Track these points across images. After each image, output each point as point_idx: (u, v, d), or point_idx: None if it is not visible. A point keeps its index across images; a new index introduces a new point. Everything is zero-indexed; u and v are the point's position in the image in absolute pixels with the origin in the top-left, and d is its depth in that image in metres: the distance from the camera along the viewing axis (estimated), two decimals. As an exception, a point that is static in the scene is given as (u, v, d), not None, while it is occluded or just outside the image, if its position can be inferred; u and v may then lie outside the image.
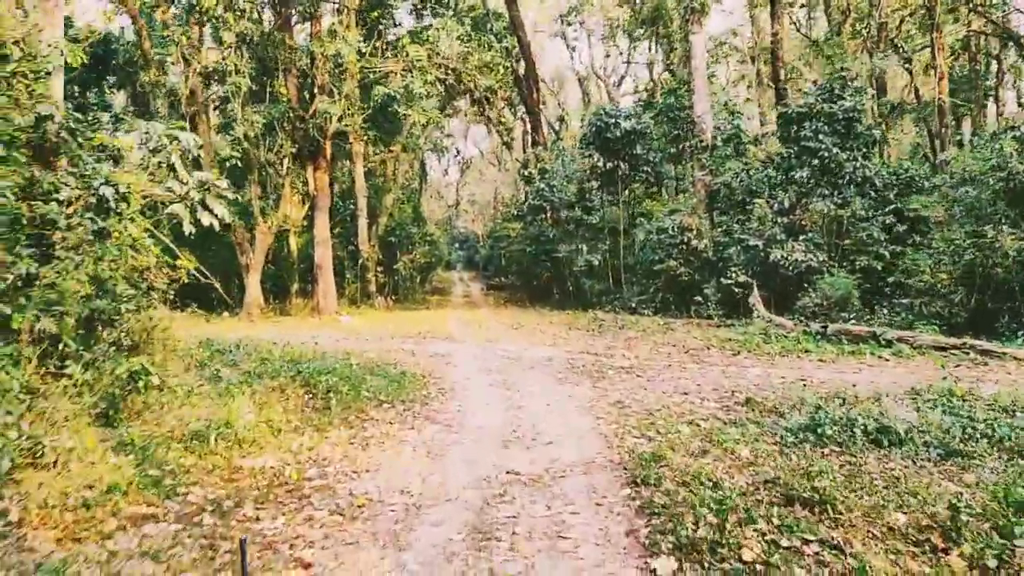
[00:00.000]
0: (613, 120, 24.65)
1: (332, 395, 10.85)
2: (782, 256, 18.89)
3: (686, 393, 10.63)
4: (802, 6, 37.46)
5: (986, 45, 35.27)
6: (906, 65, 35.68)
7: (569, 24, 38.60)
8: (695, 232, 21.16)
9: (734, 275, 19.62)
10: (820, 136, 19.59)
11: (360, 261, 33.85)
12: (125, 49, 33.89)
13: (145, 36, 26.58)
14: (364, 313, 28.47)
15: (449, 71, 25.38)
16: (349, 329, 22.14)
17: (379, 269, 34.70)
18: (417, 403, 10.80)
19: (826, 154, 19.39)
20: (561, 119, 51.96)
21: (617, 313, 23.21)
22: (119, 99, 37.84)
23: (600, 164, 25.24)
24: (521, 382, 12.23)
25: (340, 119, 24.39)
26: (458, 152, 56.37)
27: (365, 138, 30.36)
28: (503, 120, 34.70)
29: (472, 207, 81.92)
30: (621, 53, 39.08)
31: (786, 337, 15.13)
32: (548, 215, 31.35)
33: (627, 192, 26.66)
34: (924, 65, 32.73)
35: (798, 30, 38.61)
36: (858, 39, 35.43)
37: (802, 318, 17.54)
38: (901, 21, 32.54)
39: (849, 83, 20.40)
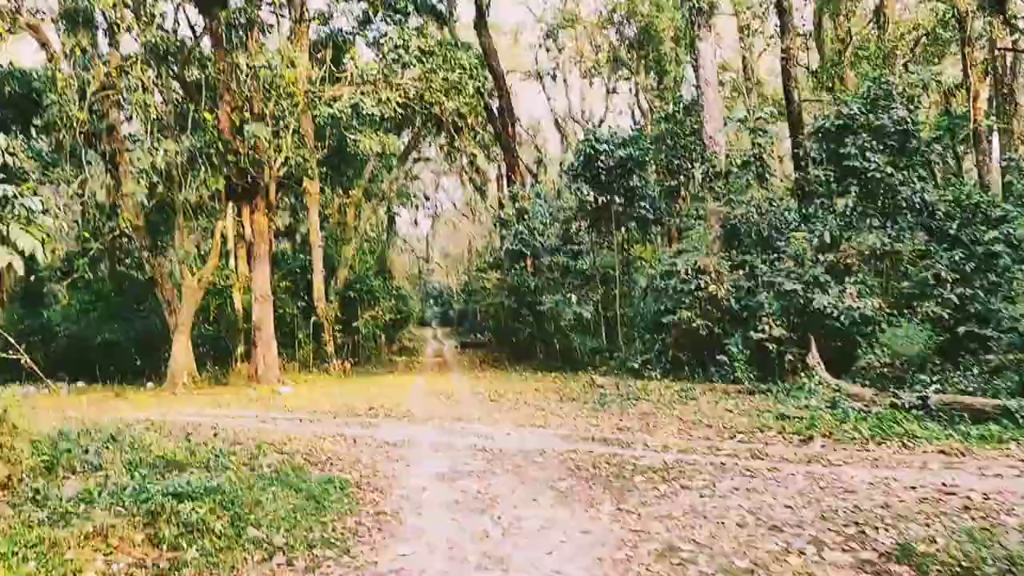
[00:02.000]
0: (605, 147, 20.83)
1: (189, 543, 6.54)
2: (829, 303, 14.89)
3: (778, 527, 6.41)
4: (799, 34, 34.30)
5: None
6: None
7: (547, 51, 35.19)
8: (712, 275, 17.16)
9: (766, 327, 15.56)
10: (867, 153, 15.81)
11: (314, 319, 29.53)
12: (47, 87, 29.79)
13: (57, 61, 22.47)
14: (314, 381, 24.05)
15: (409, 96, 21.46)
16: (287, 404, 17.77)
17: (337, 328, 30.35)
18: (334, 550, 6.50)
19: (876, 175, 15.58)
20: (539, 161, 48.38)
21: (617, 376, 19.05)
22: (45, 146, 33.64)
23: (590, 199, 21.28)
24: (503, 498, 7.96)
25: (279, 149, 20.25)
26: (427, 199, 52.50)
27: (316, 177, 26.30)
28: (474, 154, 30.92)
29: (445, 260, 78.11)
30: (606, 83, 35.64)
31: (867, 413, 10.99)
32: (528, 262, 27.32)
33: (622, 231, 22.71)
34: (943, 89, 29.56)
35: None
36: (862, 67, 32.37)
37: (866, 382, 13.50)
38: (916, 43, 29.40)
39: (895, 92, 16.70)
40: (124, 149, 23.40)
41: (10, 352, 10.02)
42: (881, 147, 15.92)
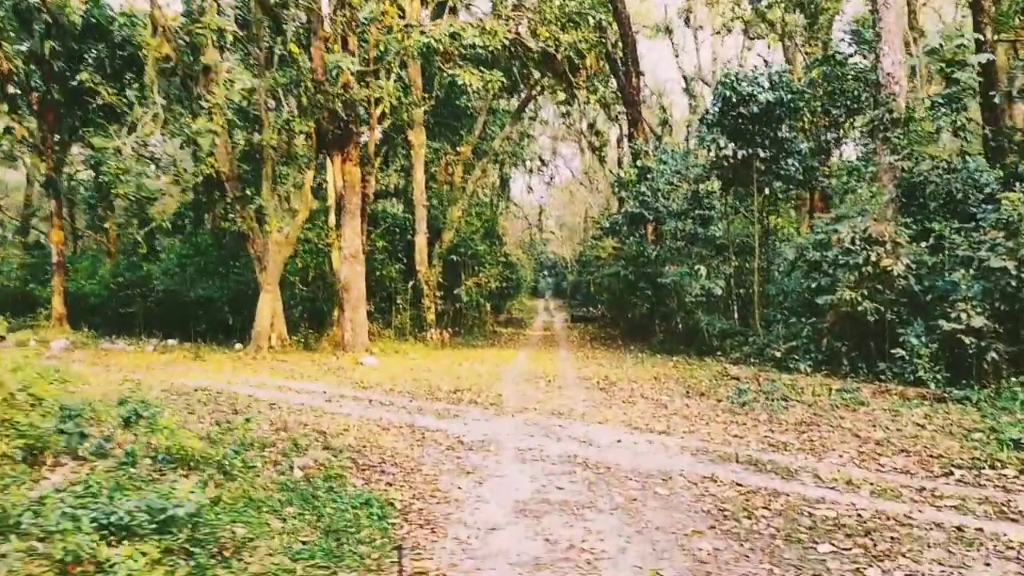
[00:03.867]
0: (749, 90, 17.33)
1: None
2: (1056, 285, 11.18)
3: None
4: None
5: None
6: None
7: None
8: (887, 246, 13.59)
9: (964, 315, 11.96)
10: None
11: (413, 284, 27.34)
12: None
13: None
14: (406, 351, 21.82)
15: (519, 32, 18.60)
16: (365, 378, 15.51)
17: (439, 294, 28.05)
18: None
19: None
20: (664, 123, 44.52)
21: (755, 366, 15.79)
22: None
23: (728, 153, 17.85)
24: (607, 561, 5.13)
25: (378, 93, 17.83)
26: (543, 163, 49.59)
27: (420, 128, 23.89)
28: (591, 100, 27.72)
29: (561, 230, 75.19)
30: (745, 28, 31.45)
31: None
32: (650, 228, 24.09)
33: (765, 193, 19.16)
34: None
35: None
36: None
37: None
38: None
39: None
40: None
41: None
42: None
